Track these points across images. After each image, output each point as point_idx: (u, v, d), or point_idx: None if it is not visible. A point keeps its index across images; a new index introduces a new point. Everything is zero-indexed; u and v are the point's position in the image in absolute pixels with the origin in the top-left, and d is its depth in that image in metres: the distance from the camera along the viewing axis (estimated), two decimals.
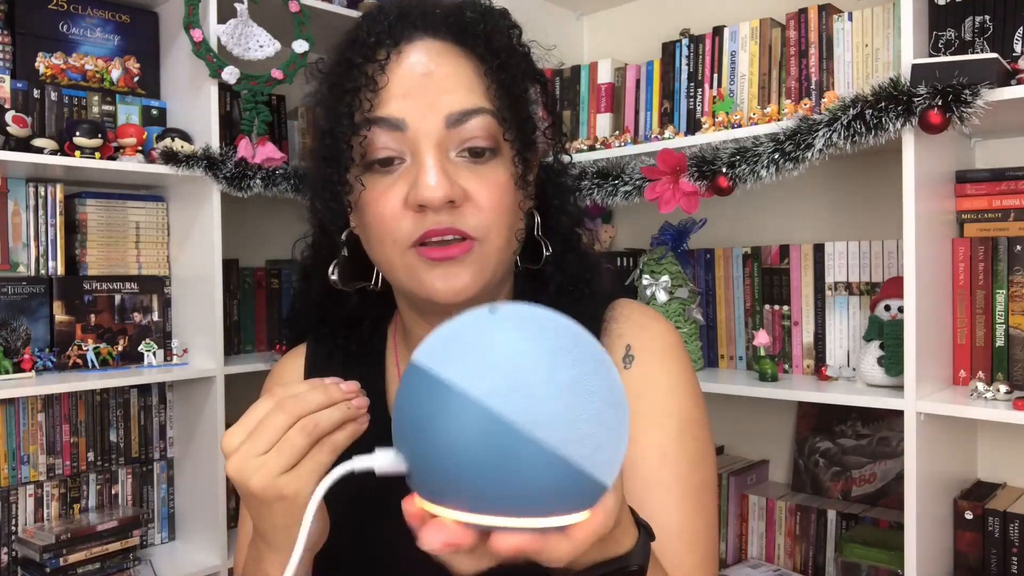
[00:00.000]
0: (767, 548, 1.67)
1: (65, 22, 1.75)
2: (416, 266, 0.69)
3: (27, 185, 1.68)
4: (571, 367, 0.42)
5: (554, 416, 0.41)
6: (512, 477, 0.40)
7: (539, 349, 0.42)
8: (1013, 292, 1.34)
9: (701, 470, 0.74)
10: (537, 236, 0.77)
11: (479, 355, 0.42)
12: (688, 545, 0.69)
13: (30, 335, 1.65)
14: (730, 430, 1.87)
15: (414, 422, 0.43)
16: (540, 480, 0.41)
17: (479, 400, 0.41)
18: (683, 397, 0.75)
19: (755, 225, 1.81)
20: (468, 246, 0.68)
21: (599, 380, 0.43)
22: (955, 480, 1.44)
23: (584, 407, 0.42)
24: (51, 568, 1.56)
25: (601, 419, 0.42)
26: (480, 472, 0.41)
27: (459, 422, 0.41)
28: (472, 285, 0.69)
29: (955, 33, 1.34)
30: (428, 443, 0.42)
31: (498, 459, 0.40)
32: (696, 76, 1.69)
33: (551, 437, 0.41)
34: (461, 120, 0.68)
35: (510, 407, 0.40)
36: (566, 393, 0.41)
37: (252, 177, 1.74)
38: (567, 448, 0.41)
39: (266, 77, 1.78)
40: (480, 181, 0.68)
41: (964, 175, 1.44)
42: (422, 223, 0.67)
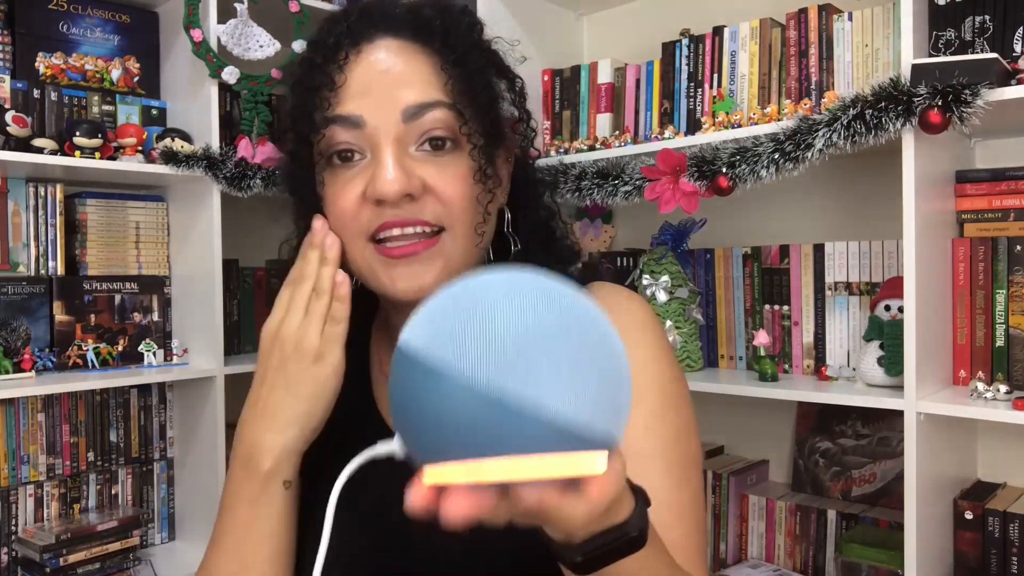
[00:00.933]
0: (767, 548, 1.67)
1: (65, 22, 1.75)
2: (374, 262, 0.71)
3: (27, 185, 1.68)
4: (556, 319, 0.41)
5: (546, 378, 0.39)
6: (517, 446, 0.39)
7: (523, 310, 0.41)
8: (1013, 292, 1.34)
9: (684, 442, 0.73)
10: (506, 232, 0.78)
11: (460, 327, 0.40)
12: (675, 517, 0.69)
13: (30, 335, 1.65)
14: (730, 430, 1.87)
15: (406, 405, 0.42)
16: (546, 445, 0.40)
17: (463, 376, 0.39)
18: (663, 369, 0.75)
19: (755, 225, 1.81)
20: (430, 242, 0.70)
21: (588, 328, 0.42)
22: (955, 480, 1.44)
23: (575, 359, 0.40)
24: (51, 568, 1.56)
25: (598, 369, 0.41)
26: (483, 447, 0.39)
27: (448, 400, 0.40)
28: (435, 283, 0.69)
29: (955, 33, 1.34)
30: (424, 425, 0.41)
31: (499, 436, 0.39)
32: (696, 76, 1.69)
33: (548, 402, 0.39)
34: (418, 113, 0.69)
35: (498, 378, 0.39)
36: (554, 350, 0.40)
37: (252, 177, 1.74)
38: (567, 407, 0.39)
39: (266, 77, 1.78)
40: (439, 173, 0.70)
41: (964, 175, 1.44)
42: (380, 216, 0.69)
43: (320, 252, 0.72)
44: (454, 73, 0.71)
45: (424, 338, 0.42)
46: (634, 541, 0.49)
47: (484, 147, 0.72)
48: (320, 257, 0.72)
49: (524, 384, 0.39)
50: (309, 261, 0.72)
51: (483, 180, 0.72)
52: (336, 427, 0.78)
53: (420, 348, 0.41)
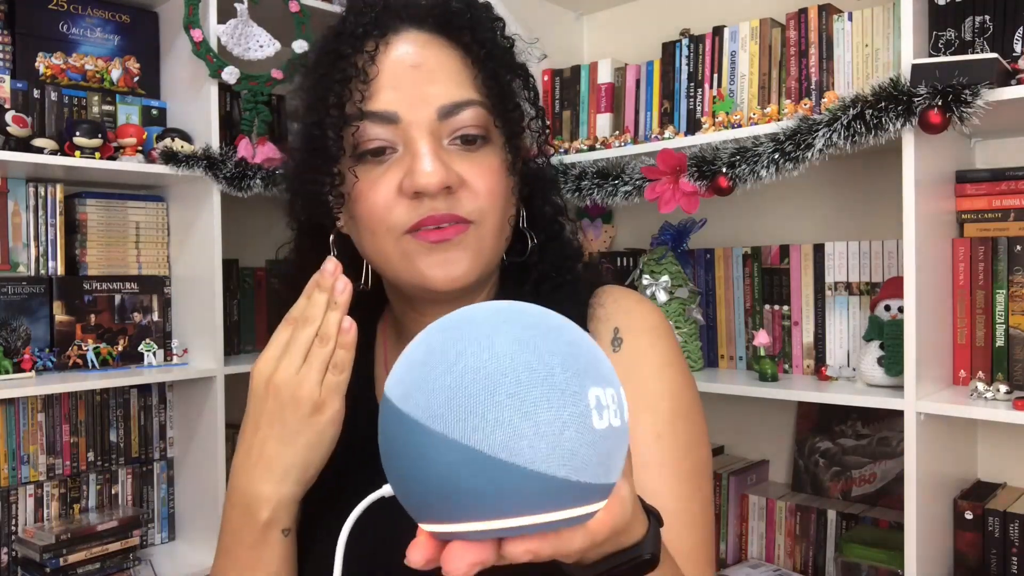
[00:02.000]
0: (767, 548, 1.67)
1: (65, 22, 1.75)
2: (412, 252, 0.69)
3: (27, 185, 1.68)
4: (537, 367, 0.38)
5: (538, 435, 0.37)
6: (503, 498, 0.38)
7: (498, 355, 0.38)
8: (1013, 292, 1.34)
9: (695, 451, 0.73)
10: (522, 227, 0.77)
11: (433, 377, 0.38)
12: (686, 527, 0.68)
13: (30, 335, 1.65)
14: (730, 430, 1.87)
15: (389, 454, 0.41)
16: (540, 498, 0.38)
17: (438, 430, 0.38)
18: (674, 377, 0.74)
19: (755, 225, 1.81)
20: (464, 228, 0.69)
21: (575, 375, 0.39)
22: (955, 480, 1.44)
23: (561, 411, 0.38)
24: (51, 568, 1.56)
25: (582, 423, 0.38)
26: (467, 499, 0.38)
27: (425, 454, 0.38)
28: (469, 272, 0.69)
29: (955, 33, 1.34)
30: (406, 476, 0.40)
31: (482, 487, 0.37)
32: (696, 76, 1.69)
33: (539, 460, 0.37)
34: (453, 112, 0.68)
35: (470, 432, 0.37)
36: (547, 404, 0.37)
37: (252, 177, 1.74)
38: (559, 466, 0.37)
39: (266, 77, 1.78)
40: (474, 167, 0.69)
41: (964, 175, 1.44)
42: (417, 210, 0.68)
43: (329, 295, 0.66)
44: (483, 68, 0.70)
45: (402, 389, 0.40)
46: (647, 563, 0.48)
47: (512, 141, 0.72)
48: (329, 301, 0.66)
49: (496, 436, 0.37)
50: (315, 303, 0.67)
51: (514, 173, 0.72)
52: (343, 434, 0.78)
53: (397, 398, 0.40)
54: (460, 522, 0.39)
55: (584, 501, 0.39)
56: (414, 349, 0.41)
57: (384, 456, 0.41)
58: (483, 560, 0.40)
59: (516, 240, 0.77)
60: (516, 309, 0.42)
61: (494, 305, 0.42)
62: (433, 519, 0.40)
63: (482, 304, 0.43)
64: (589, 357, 0.41)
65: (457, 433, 0.37)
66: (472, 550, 0.39)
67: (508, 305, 0.42)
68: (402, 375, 0.41)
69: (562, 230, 0.82)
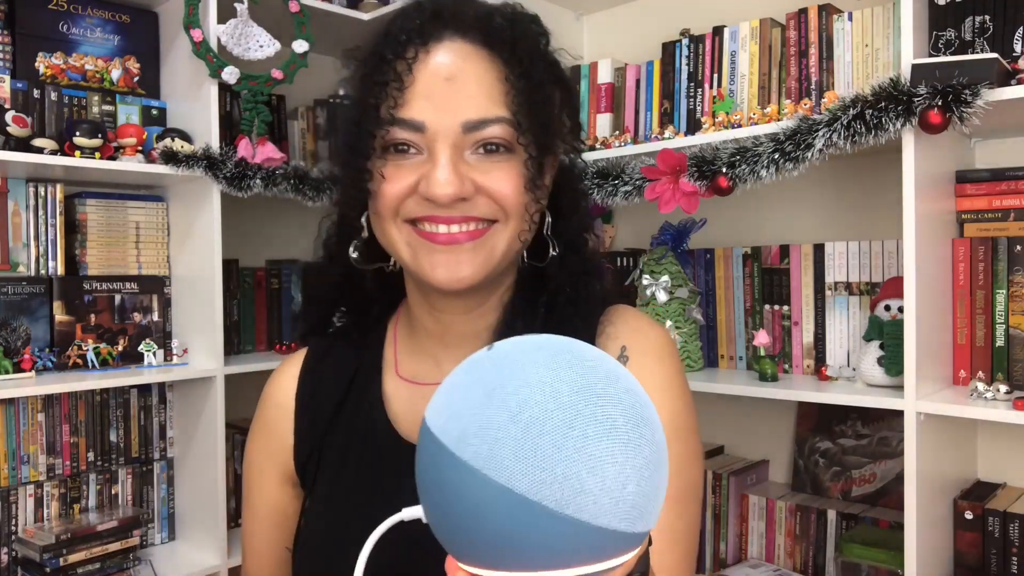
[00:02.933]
0: (767, 548, 1.67)
1: (65, 22, 1.75)
2: (417, 246, 0.72)
3: (27, 185, 1.68)
4: (602, 419, 0.38)
5: (603, 491, 0.37)
6: (560, 550, 0.38)
7: (563, 405, 0.37)
8: (1013, 292, 1.34)
9: (687, 472, 0.74)
10: (546, 235, 0.79)
11: (505, 430, 0.38)
12: (668, 544, 0.70)
13: (30, 335, 1.65)
14: (730, 430, 1.87)
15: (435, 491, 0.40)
16: (598, 549, 0.38)
17: (499, 481, 0.37)
18: (674, 399, 0.76)
19: (755, 225, 1.81)
20: (476, 234, 0.72)
21: (635, 426, 0.39)
22: (955, 480, 1.44)
23: (617, 459, 0.38)
24: (51, 568, 1.56)
25: (640, 473, 0.38)
26: (523, 550, 0.37)
27: (480, 499, 0.38)
28: (475, 275, 0.72)
29: (955, 33, 1.34)
30: (453, 515, 0.39)
31: (540, 540, 0.37)
32: (696, 76, 1.69)
33: (603, 515, 0.37)
34: (477, 127, 0.71)
35: (536, 486, 0.36)
36: (612, 459, 0.37)
37: (252, 177, 1.74)
38: (620, 520, 0.38)
39: (266, 77, 1.78)
40: (491, 175, 0.72)
41: (964, 175, 1.44)
42: (427, 208, 0.71)
43: None
44: (517, 85, 0.72)
45: (456, 430, 0.39)
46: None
47: (536, 157, 0.74)
48: None
49: (562, 491, 0.37)
50: None
51: (533, 188, 0.74)
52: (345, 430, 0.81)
53: (451, 440, 0.39)
54: (514, 570, 0.38)
55: (634, 546, 0.40)
56: (468, 386, 0.40)
57: (426, 491, 0.40)
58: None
59: (538, 245, 0.79)
60: (574, 350, 0.41)
61: (547, 341, 0.41)
62: (483, 564, 0.39)
63: (539, 339, 0.42)
64: (642, 404, 0.41)
65: (522, 486, 0.36)
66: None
67: (562, 343, 0.41)
68: (455, 412, 0.39)
69: (584, 245, 0.83)
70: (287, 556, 0.84)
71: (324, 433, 0.83)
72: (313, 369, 0.87)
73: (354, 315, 0.87)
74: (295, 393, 0.86)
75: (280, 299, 2.06)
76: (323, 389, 0.85)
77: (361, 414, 0.82)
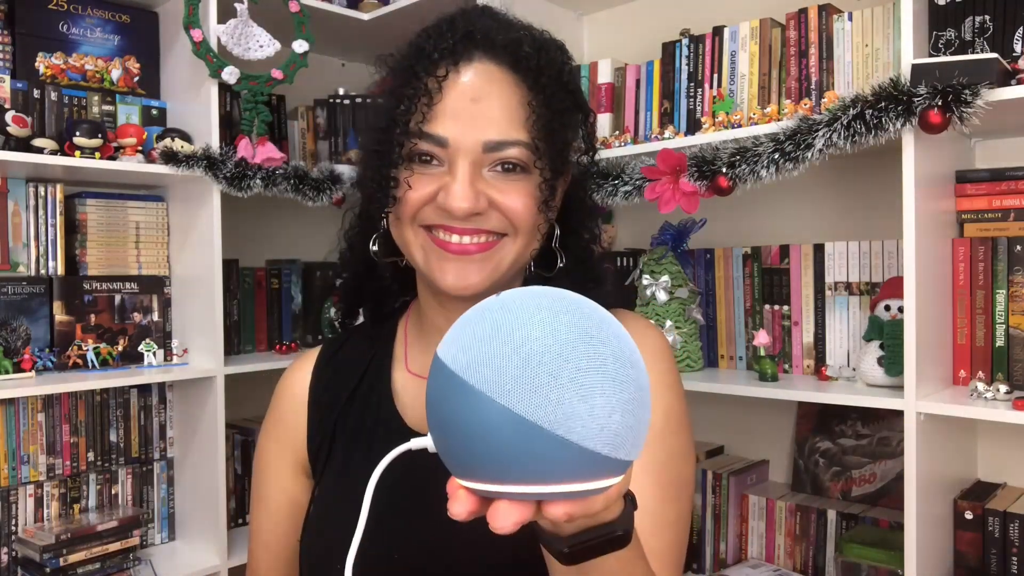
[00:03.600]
0: (767, 548, 1.67)
1: (65, 22, 1.75)
2: (430, 251, 0.77)
3: (27, 185, 1.68)
4: (593, 356, 0.43)
5: (591, 417, 0.42)
6: (551, 468, 0.43)
7: (561, 341, 0.43)
8: (1013, 292, 1.34)
9: (678, 464, 0.78)
10: (554, 247, 0.83)
11: (499, 353, 0.43)
12: (658, 528, 0.73)
13: (30, 335, 1.65)
14: (730, 430, 1.87)
15: (443, 416, 0.45)
16: (582, 469, 0.43)
17: (501, 403, 0.42)
18: (669, 395, 0.79)
19: (755, 225, 1.81)
20: (486, 246, 0.76)
21: (622, 366, 0.44)
22: (955, 480, 1.44)
23: (606, 389, 0.42)
24: (51, 568, 1.56)
25: (624, 407, 0.43)
26: (519, 465, 0.43)
27: (484, 420, 0.42)
28: (482, 283, 0.76)
29: (955, 33, 1.34)
30: (459, 437, 0.44)
31: (534, 456, 0.42)
32: (696, 76, 1.69)
33: (589, 438, 0.42)
34: (497, 148, 0.75)
35: (533, 408, 0.42)
36: (601, 390, 0.42)
37: (252, 177, 1.74)
38: (603, 445, 0.42)
39: (266, 77, 1.78)
40: (506, 193, 0.76)
41: (964, 175, 1.44)
42: (443, 217, 0.75)
43: None
44: (538, 111, 0.76)
45: (465, 360, 0.44)
46: (619, 539, 0.52)
47: (550, 180, 0.78)
48: None
49: (555, 414, 0.42)
50: None
51: (544, 209, 0.78)
52: (355, 419, 0.85)
53: (461, 368, 0.44)
54: (508, 484, 0.44)
55: (614, 473, 0.45)
56: (478, 324, 0.45)
57: (436, 417, 0.46)
58: (526, 518, 0.45)
59: (546, 254, 0.83)
60: (573, 299, 0.46)
61: (550, 291, 0.47)
62: (481, 479, 0.44)
63: (542, 289, 0.47)
64: (630, 349, 0.46)
65: (521, 408, 0.42)
66: (517, 509, 0.44)
67: (564, 293, 0.47)
68: (465, 345, 0.44)
69: (591, 255, 0.88)
70: (297, 551, 0.86)
71: (335, 423, 0.86)
72: (327, 363, 0.91)
73: (371, 303, 0.92)
74: (309, 385, 0.90)
75: (280, 299, 2.06)
76: (336, 381, 0.89)
77: (371, 405, 0.85)
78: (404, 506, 0.76)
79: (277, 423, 0.91)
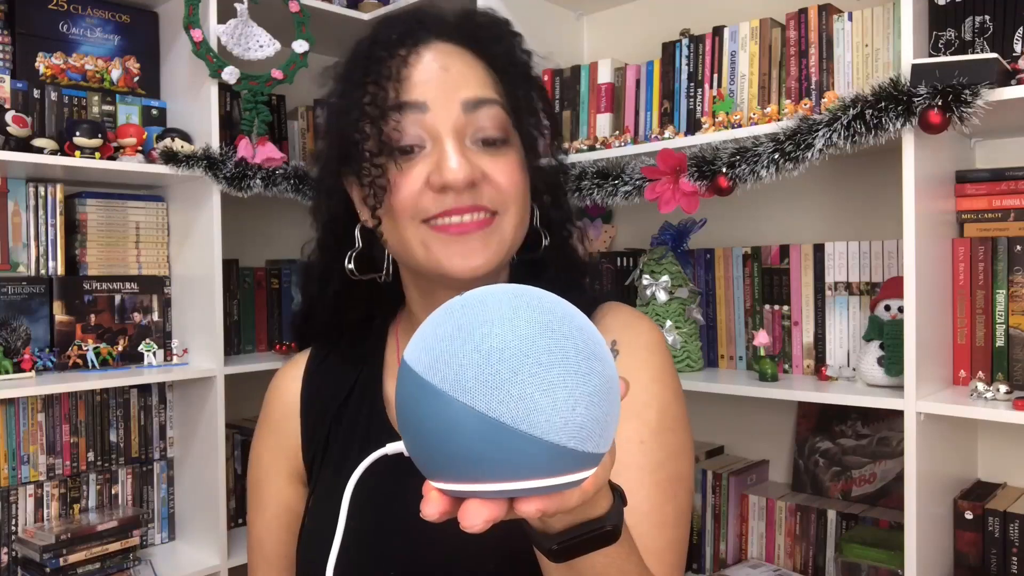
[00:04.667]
0: (767, 548, 1.67)
1: (65, 22, 1.75)
2: (431, 241, 0.74)
3: (27, 185, 1.68)
4: (555, 350, 0.43)
5: (554, 410, 0.42)
6: (517, 464, 0.42)
7: (521, 337, 0.42)
8: (1013, 292, 1.34)
9: (676, 461, 0.76)
10: (536, 226, 0.82)
11: (459, 351, 0.43)
12: (656, 528, 0.72)
13: (30, 335, 1.65)
14: (730, 430, 1.87)
15: (409, 419, 0.45)
16: (550, 464, 0.43)
17: (463, 401, 0.42)
18: (664, 390, 0.78)
19: (755, 225, 1.81)
20: (485, 222, 0.74)
21: (585, 359, 0.43)
22: (955, 480, 1.44)
23: (568, 383, 0.42)
24: (51, 568, 1.56)
25: (589, 399, 0.43)
26: (485, 463, 0.42)
27: (448, 420, 0.42)
28: (488, 263, 0.74)
29: (955, 33, 1.34)
30: (426, 440, 0.44)
31: (500, 454, 0.42)
32: (696, 76, 1.69)
33: (553, 432, 0.42)
34: (476, 107, 0.74)
35: (495, 404, 0.41)
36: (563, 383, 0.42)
37: (252, 177, 1.74)
38: (569, 438, 0.42)
39: (266, 77, 1.78)
40: (495, 164, 0.75)
41: (964, 175, 1.43)
42: (442, 203, 0.73)
43: None
44: (502, 77, 0.77)
45: (427, 360, 0.44)
46: (608, 535, 0.52)
47: (530, 145, 0.78)
48: None
49: (518, 409, 0.41)
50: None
51: (531, 172, 0.78)
52: (347, 429, 0.84)
53: (423, 369, 0.44)
54: (477, 483, 0.43)
55: (584, 467, 0.44)
56: (440, 324, 0.45)
57: (403, 419, 0.45)
58: (496, 516, 0.44)
59: (528, 239, 0.82)
60: (534, 294, 0.46)
61: (512, 288, 0.46)
62: (450, 479, 0.44)
63: (501, 286, 0.47)
64: (594, 342, 0.45)
65: (483, 405, 0.41)
66: (487, 507, 0.44)
67: (525, 289, 0.46)
68: (428, 346, 0.44)
69: (569, 237, 0.87)
70: (294, 560, 0.85)
71: (328, 431, 0.85)
72: (316, 369, 0.89)
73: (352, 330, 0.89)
74: (300, 392, 0.88)
75: (280, 299, 2.06)
76: (327, 389, 0.87)
77: (363, 413, 0.84)
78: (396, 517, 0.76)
79: (271, 432, 0.90)
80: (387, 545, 0.77)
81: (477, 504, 0.44)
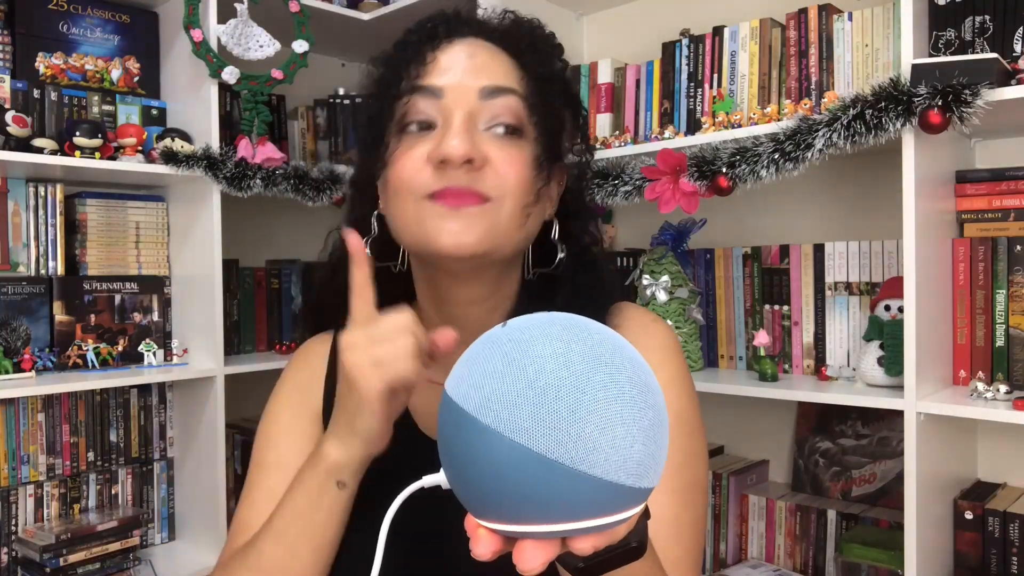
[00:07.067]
0: (767, 548, 1.67)
1: (65, 22, 1.75)
2: (427, 216, 0.73)
3: (27, 185, 1.68)
4: (611, 385, 0.41)
5: (613, 449, 0.40)
6: (575, 504, 0.41)
7: (576, 373, 0.41)
8: (1013, 292, 1.34)
9: (693, 467, 0.76)
10: (553, 240, 0.81)
11: (524, 395, 0.41)
12: (674, 535, 0.72)
13: (30, 335, 1.65)
14: (730, 430, 1.87)
15: (457, 456, 0.43)
16: (608, 503, 0.42)
17: (519, 442, 0.40)
18: (680, 395, 0.77)
19: (755, 225, 1.81)
20: (482, 199, 0.73)
21: (640, 391, 0.42)
22: (955, 480, 1.44)
23: (624, 420, 0.41)
24: (51, 568, 1.56)
25: (645, 434, 0.42)
26: (542, 504, 0.41)
27: (500, 459, 0.41)
28: (479, 243, 0.72)
29: (955, 33, 1.34)
30: (475, 477, 0.42)
31: (557, 495, 0.41)
32: (696, 76, 1.69)
33: (612, 471, 0.41)
34: (493, 95, 0.74)
35: (554, 445, 0.40)
36: (621, 420, 0.41)
37: (252, 177, 1.74)
38: (627, 476, 0.41)
39: (266, 77, 1.78)
40: (502, 151, 0.74)
41: (964, 175, 1.44)
42: (440, 179, 0.72)
43: None
44: (528, 72, 0.78)
45: (478, 398, 0.42)
46: (634, 551, 0.51)
47: (545, 143, 0.77)
48: None
49: (576, 449, 0.40)
50: None
51: (540, 170, 0.76)
52: None
53: (473, 407, 0.42)
54: (532, 524, 0.42)
55: (638, 502, 0.44)
56: (488, 359, 0.43)
57: (449, 456, 0.44)
58: (552, 556, 0.43)
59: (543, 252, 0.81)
60: (580, 324, 0.45)
61: (560, 318, 0.45)
62: (503, 519, 0.43)
63: (549, 316, 0.45)
64: (644, 371, 0.44)
65: (540, 446, 0.40)
66: (543, 548, 0.43)
67: (573, 319, 0.45)
68: (476, 383, 0.43)
69: (594, 261, 0.85)
70: None
71: None
72: None
73: None
74: (327, 362, 0.87)
75: (280, 299, 2.06)
76: None
77: None
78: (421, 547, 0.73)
79: (296, 389, 0.88)
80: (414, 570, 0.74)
81: (534, 545, 0.43)
